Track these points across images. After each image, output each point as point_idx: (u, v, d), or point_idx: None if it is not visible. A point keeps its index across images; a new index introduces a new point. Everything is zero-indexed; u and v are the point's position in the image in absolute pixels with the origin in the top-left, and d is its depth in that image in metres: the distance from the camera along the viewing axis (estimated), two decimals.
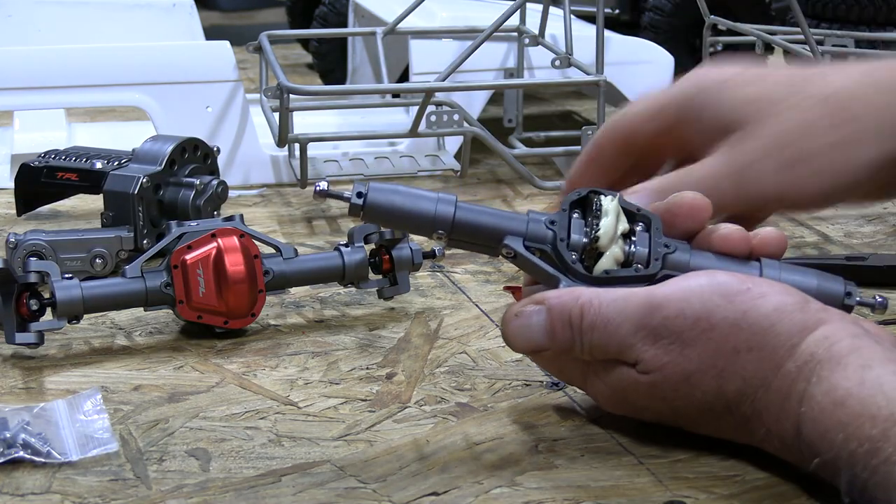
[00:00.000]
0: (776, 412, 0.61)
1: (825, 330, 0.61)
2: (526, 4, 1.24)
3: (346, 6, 1.58)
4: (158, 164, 0.98)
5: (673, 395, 0.64)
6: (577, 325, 0.64)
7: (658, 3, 1.65)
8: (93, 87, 1.18)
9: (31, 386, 0.76)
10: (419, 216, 0.67)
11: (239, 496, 0.63)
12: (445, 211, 0.67)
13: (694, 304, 0.63)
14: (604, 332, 0.64)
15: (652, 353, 0.63)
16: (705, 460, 0.66)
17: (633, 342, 0.64)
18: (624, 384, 0.65)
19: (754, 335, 0.62)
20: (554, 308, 0.65)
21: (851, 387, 0.58)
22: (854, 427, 0.56)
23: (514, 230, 0.67)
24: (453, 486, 0.64)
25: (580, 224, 0.67)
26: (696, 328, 0.62)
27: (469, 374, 0.78)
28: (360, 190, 0.66)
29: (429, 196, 0.67)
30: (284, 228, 1.09)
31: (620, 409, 0.68)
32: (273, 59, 1.15)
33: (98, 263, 0.93)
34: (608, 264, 0.66)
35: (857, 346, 0.60)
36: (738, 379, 0.62)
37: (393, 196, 0.66)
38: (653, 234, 0.67)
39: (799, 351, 0.61)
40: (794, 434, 0.60)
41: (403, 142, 1.24)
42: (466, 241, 0.68)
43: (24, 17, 1.36)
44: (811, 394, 0.59)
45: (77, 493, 0.63)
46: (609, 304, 0.64)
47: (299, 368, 0.79)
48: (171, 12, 1.39)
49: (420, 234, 0.68)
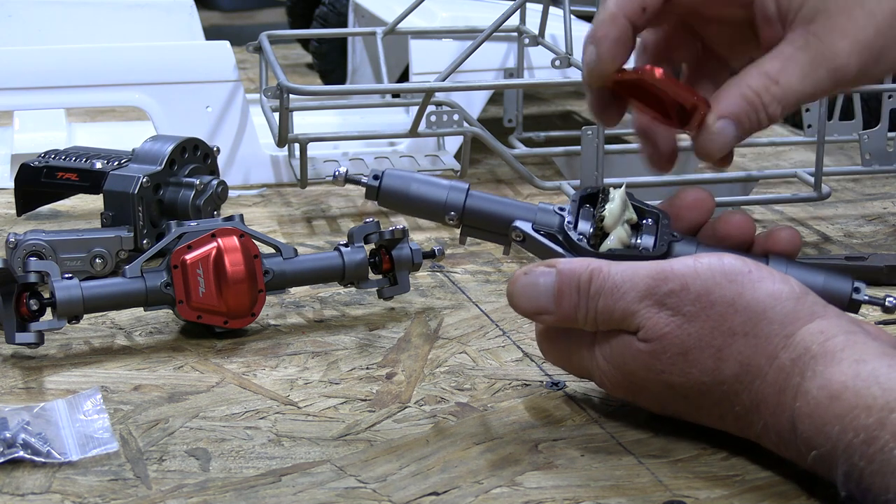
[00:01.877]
0: (773, 405, 0.61)
1: (820, 324, 0.62)
2: (526, 4, 1.24)
3: (346, 6, 1.58)
4: (158, 164, 0.98)
5: (670, 368, 0.64)
6: (584, 289, 0.66)
7: None
8: (93, 87, 1.18)
9: (31, 386, 0.76)
10: (432, 202, 0.71)
11: (239, 496, 0.63)
12: (456, 198, 0.71)
13: (697, 280, 0.64)
14: (610, 297, 0.65)
15: (654, 321, 0.64)
16: (705, 460, 0.66)
17: (637, 309, 0.65)
18: (624, 354, 0.66)
19: (749, 319, 0.63)
20: (564, 272, 0.67)
21: (846, 380, 0.58)
22: (850, 418, 0.57)
23: (523, 216, 0.70)
24: (453, 486, 0.64)
25: (589, 213, 0.70)
26: (697, 303, 0.64)
27: (469, 374, 0.78)
28: (376, 174, 0.71)
29: (442, 183, 0.71)
30: (284, 228, 1.09)
31: (619, 386, 0.67)
32: (273, 59, 1.15)
33: (98, 263, 0.93)
34: (613, 244, 0.69)
35: (852, 341, 0.60)
36: (734, 363, 0.63)
37: (407, 182, 0.71)
38: (660, 227, 0.69)
39: (793, 342, 0.61)
40: (790, 429, 0.60)
41: (403, 142, 1.24)
42: (477, 227, 0.71)
43: (24, 17, 1.35)
44: (805, 388, 0.59)
45: (77, 493, 0.63)
46: (618, 273, 0.66)
47: (299, 368, 0.79)
48: (170, 12, 1.39)
49: (432, 219, 0.72)
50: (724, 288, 0.63)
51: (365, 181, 0.71)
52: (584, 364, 0.69)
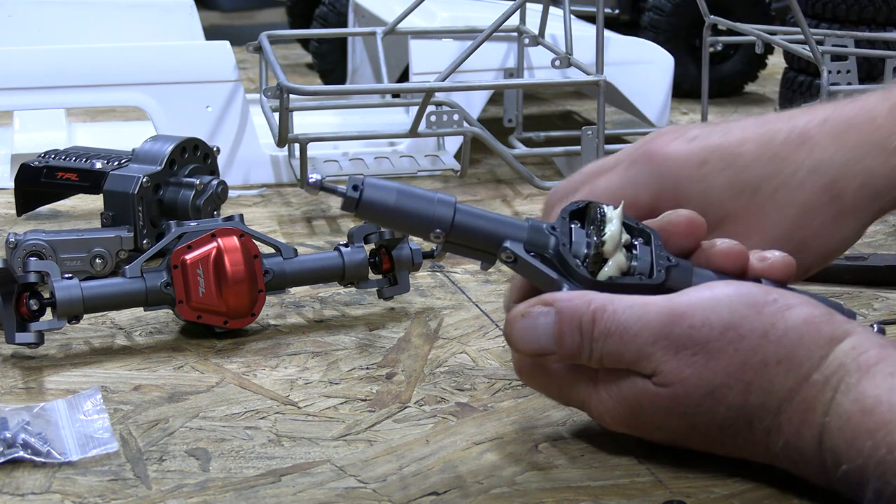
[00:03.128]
0: (798, 423, 0.59)
1: (852, 341, 0.60)
2: (526, 4, 1.24)
3: (346, 6, 1.58)
4: (158, 164, 0.98)
5: (695, 409, 0.61)
6: (587, 330, 0.62)
7: (658, 3, 1.65)
8: (93, 87, 1.18)
9: (31, 386, 0.76)
10: (416, 217, 0.64)
11: (239, 496, 0.63)
12: (444, 213, 0.64)
13: (721, 313, 0.61)
14: (619, 340, 0.62)
15: (673, 365, 0.61)
16: (705, 460, 0.65)
17: (652, 352, 0.61)
18: (638, 397, 0.62)
19: (784, 347, 0.60)
20: (564, 311, 0.63)
21: (881, 394, 0.56)
22: (884, 433, 0.55)
23: (514, 235, 0.65)
24: (453, 486, 0.64)
25: (581, 233, 0.65)
26: (723, 338, 0.60)
27: (469, 374, 0.78)
28: (355, 184, 0.63)
29: (427, 196, 0.64)
30: (284, 228, 1.09)
31: (627, 425, 0.64)
32: (273, 59, 1.15)
33: (98, 263, 0.93)
34: (612, 272, 0.64)
35: (885, 355, 0.59)
36: (763, 392, 0.60)
37: (390, 194, 0.63)
38: (654, 247, 0.65)
39: (827, 362, 0.59)
40: (816, 445, 0.58)
41: (403, 142, 1.24)
42: (463, 244, 0.65)
43: (24, 17, 1.36)
44: (838, 402, 0.58)
45: (77, 493, 0.63)
46: (625, 311, 0.62)
47: (299, 368, 0.79)
48: (170, 12, 1.39)
49: (415, 234, 0.65)
50: (752, 320, 0.60)
51: (342, 190, 0.63)
52: (580, 397, 0.65)
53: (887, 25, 1.44)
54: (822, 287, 0.92)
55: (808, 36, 1.14)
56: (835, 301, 0.67)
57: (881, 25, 1.44)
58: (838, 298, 0.90)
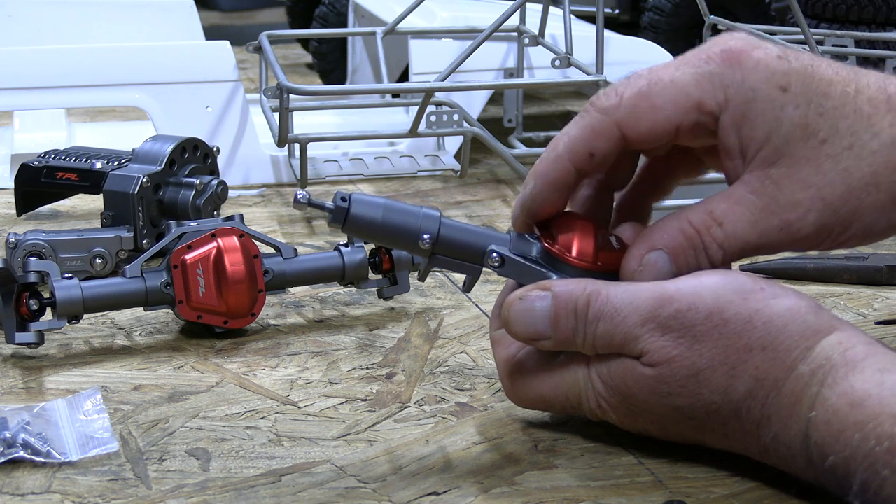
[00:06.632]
0: (785, 416, 0.60)
1: (839, 335, 0.60)
2: (526, 4, 1.24)
3: (346, 6, 1.58)
4: (158, 164, 0.98)
5: (679, 391, 0.62)
6: (582, 314, 0.63)
7: (658, 3, 1.65)
8: (93, 87, 1.18)
9: (31, 386, 0.76)
10: (403, 230, 0.66)
11: (239, 496, 0.63)
12: (429, 227, 0.66)
13: (707, 298, 0.61)
14: (610, 321, 0.63)
15: (660, 345, 0.62)
16: (705, 460, 0.66)
17: (640, 333, 0.62)
18: (626, 379, 0.63)
19: (767, 334, 0.60)
20: (560, 295, 0.64)
21: (870, 388, 0.56)
22: (873, 426, 0.55)
23: (498, 242, 0.67)
24: (453, 486, 0.64)
25: None
26: (707, 322, 0.61)
27: (469, 374, 0.78)
28: (342, 196, 0.65)
29: (413, 211, 0.66)
30: (284, 228, 1.09)
31: (618, 412, 0.65)
32: (273, 59, 1.15)
33: (98, 263, 0.93)
34: None
35: (873, 351, 0.59)
36: (749, 379, 0.61)
37: (376, 210, 0.65)
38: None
39: (813, 354, 0.60)
40: (802, 439, 0.59)
41: (403, 142, 1.24)
42: (449, 256, 0.67)
43: (24, 17, 1.36)
44: (824, 397, 0.58)
45: (77, 493, 0.63)
46: (618, 295, 0.63)
47: (299, 368, 0.79)
48: (170, 12, 1.39)
49: (402, 248, 0.68)
50: (737, 305, 0.61)
51: (330, 206, 0.65)
52: (576, 392, 0.66)
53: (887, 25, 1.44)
54: (823, 287, 0.92)
55: (808, 36, 1.14)
56: None
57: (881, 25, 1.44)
58: (838, 298, 0.90)
